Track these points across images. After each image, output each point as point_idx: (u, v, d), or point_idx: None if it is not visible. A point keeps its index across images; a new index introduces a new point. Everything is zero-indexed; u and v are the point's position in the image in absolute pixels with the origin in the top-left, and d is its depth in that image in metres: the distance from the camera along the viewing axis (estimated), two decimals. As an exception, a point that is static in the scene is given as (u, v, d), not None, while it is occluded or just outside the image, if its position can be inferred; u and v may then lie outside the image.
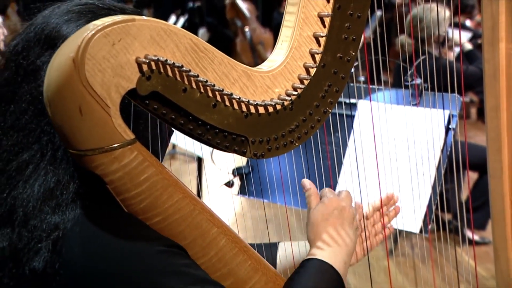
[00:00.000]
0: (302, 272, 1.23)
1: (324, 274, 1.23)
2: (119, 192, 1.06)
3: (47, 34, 1.15)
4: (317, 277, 1.22)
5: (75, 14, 1.17)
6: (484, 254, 4.16)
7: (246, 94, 1.15)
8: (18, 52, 1.17)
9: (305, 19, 1.23)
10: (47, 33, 1.15)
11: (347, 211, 1.33)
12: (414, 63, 2.34)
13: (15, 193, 1.11)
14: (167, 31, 1.03)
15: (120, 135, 1.02)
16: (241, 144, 1.17)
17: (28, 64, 1.15)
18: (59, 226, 1.08)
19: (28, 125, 1.13)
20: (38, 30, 1.17)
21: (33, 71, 1.14)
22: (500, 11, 1.48)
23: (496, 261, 1.65)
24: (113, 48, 0.98)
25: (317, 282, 1.21)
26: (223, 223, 1.18)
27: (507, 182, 1.60)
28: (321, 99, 1.25)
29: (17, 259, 1.09)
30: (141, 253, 1.07)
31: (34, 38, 1.16)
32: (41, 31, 1.16)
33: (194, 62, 1.07)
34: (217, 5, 11.03)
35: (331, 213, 1.31)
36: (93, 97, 0.98)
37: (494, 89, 1.54)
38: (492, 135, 1.59)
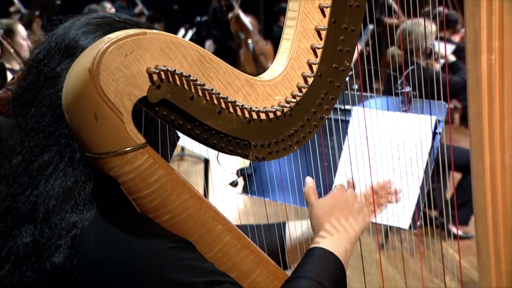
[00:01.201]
0: (307, 260, 1.23)
1: (327, 261, 1.22)
2: (131, 192, 1.05)
3: (66, 44, 1.15)
4: (320, 263, 1.21)
5: (93, 26, 1.17)
6: (467, 247, 4.16)
7: (249, 102, 1.14)
8: (39, 60, 1.17)
9: (303, 32, 1.23)
10: (67, 43, 1.15)
11: (351, 205, 1.33)
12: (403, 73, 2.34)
13: (37, 192, 1.11)
14: (175, 43, 1.03)
15: (132, 140, 1.02)
16: (244, 148, 1.16)
17: (48, 71, 1.15)
18: (77, 224, 1.07)
19: (48, 128, 1.12)
20: (58, 40, 1.17)
21: (53, 77, 1.14)
22: (481, 26, 1.49)
23: (479, 254, 1.65)
24: (125, 59, 0.98)
25: (320, 268, 1.20)
26: (227, 220, 1.18)
27: (488, 182, 1.60)
28: (318, 106, 1.24)
29: (39, 254, 1.09)
30: (152, 249, 1.06)
31: (54, 47, 1.16)
32: (61, 41, 1.16)
33: (201, 72, 1.07)
34: (222, 19, 11.03)
35: (335, 205, 1.31)
36: (108, 104, 0.98)
37: (476, 96, 1.55)
38: (475, 139, 1.59)
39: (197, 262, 1.08)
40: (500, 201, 1.60)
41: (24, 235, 1.10)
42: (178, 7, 13.09)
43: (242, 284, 1.16)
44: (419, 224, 2.25)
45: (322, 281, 1.17)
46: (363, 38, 5.17)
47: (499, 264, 1.62)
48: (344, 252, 1.26)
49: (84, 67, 0.97)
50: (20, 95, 1.18)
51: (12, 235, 1.12)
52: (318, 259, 1.22)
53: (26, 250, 1.10)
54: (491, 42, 1.50)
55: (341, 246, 1.26)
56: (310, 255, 1.24)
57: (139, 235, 1.07)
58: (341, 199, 1.33)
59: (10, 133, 1.18)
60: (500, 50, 1.51)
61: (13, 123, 1.19)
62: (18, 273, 1.11)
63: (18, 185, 1.13)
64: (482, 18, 1.48)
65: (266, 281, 1.20)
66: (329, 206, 1.32)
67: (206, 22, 11.21)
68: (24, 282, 1.10)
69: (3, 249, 1.13)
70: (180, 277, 1.05)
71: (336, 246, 1.26)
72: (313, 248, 1.25)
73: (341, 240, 1.28)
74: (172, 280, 1.05)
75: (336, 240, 1.27)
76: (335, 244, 1.26)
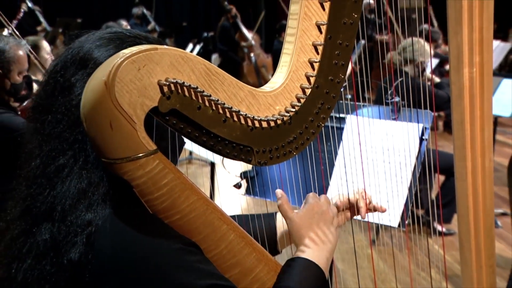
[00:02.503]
0: (289, 270, 1.20)
1: (308, 270, 1.19)
2: (143, 195, 1.04)
3: (81, 57, 1.15)
4: (302, 273, 1.18)
5: (105, 40, 1.17)
6: (450, 243, 4.16)
7: (252, 111, 1.13)
8: (57, 71, 1.16)
9: (301, 47, 1.22)
10: (81, 56, 1.15)
11: (326, 213, 1.29)
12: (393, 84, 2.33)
13: (54, 193, 1.10)
14: (184, 57, 1.03)
15: (144, 146, 1.02)
16: (247, 153, 1.15)
17: (64, 81, 1.14)
18: (91, 222, 1.07)
19: (63, 133, 1.12)
20: (74, 52, 1.16)
21: (68, 87, 1.13)
22: (463, 42, 1.49)
23: (461, 249, 1.64)
24: (138, 72, 0.98)
25: (302, 278, 1.17)
26: (232, 220, 1.17)
27: (470, 184, 1.59)
28: (315, 115, 1.23)
29: (57, 250, 1.08)
30: (161, 248, 1.05)
31: (70, 59, 1.16)
32: (76, 53, 1.16)
33: (207, 84, 1.06)
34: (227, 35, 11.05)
35: (312, 216, 1.27)
36: (122, 114, 0.97)
37: (459, 106, 1.54)
38: (458, 145, 1.58)
39: (200, 265, 1.07)
40: (480, 201, 1.60)
41: (43, 232, 1.10)
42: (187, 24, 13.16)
43: (246, 279, 1.16)
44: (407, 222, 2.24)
45: None
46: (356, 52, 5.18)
47: (479, 258, 1.62)
48: (325, 261, 1.23)
49: (101, 80, 0.96)
50: (39, 103, 1.18)
51: (33, 232, 1.12)
52: (301, 269, 1.19)
53: (45, 246, 1.09)
54: (472, 56, 1.50)
55: (322, 255, 1.23)
56: (292, 265, 1.20)
57: (149, 234, 1.06)
58: (317, 209, 1.28)
59: (30, 138, 1.18)
60: (480, 64, 1.51)
61: (32, 129, 1.18)
62: (38, 267, 1.10)
63: (37, 186, 1.13)
64: (464, 35, 1.48)
65: (267, 276, 1.19)
66: (307, 218, 1.27)
67: (212, 37, 11.24)
68: (44, 275, 1.09)
69: (25, 245, 1.12)
70: (182, 277, 1.04)
71: (317, 256, 1.22)
72: (296, 258, 1.22)
73: (322, 250, 1.24)
74: (174, 280, 1.04)
75: (317, 251, 1.23)
76: (316, 255, 1.22)
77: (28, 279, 1.11)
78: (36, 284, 1.10)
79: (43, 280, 1.09)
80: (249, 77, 10.29)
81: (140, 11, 12.07)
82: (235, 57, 10.76)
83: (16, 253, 1.13)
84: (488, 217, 1.62)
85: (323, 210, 1.29)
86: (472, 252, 1.62)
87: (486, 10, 1.47)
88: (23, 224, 1.14)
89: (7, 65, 2.89)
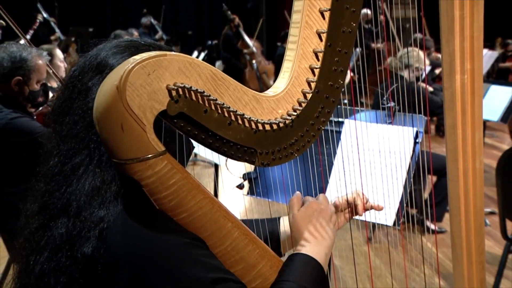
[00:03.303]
0: (290, 265, 1.19)
1: (308, 265, 1.19)
2: (152, 194, 1.04)
3: (98, 63, 1.16)
4: (302, 268, 1.18)
5: (121, 48, 1.18)
6: (441, 240, 4.15)
7: (255, 114, 1.13)
8: (75, 76, 1.17)
9: (302, 54, 1.22)
10: (98, 62, 1.16)
11: (324, 211, 1.28)
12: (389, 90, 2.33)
13: (70, 189, 1.10)
14: (191, 63, 1.03)
15: (153, 148, 1.01)
16: (251, 155, 1.15)
17: (81, 85, 1.15)
18: (104, 219, 1.07)
19: (79, 134, 1.12)
20: (91, 59, 1.17)
21: (85, 90, 1.14)
22: (455, 50, 1.49)
23: (453, 247, 1.64)
24: (148, 77, 0.98)
25: (302, 272, 1.17)
26: (236, 218, 1.16)
27: (462, 185, 1.58)
28: (315, 119, 1.23)
29: (72, 243, 1.08)
30: (169, 242, 1.05)
31: (88, 65, 1.17)
32: (94, 60, 1.17)
33: (213, 88, 1.06)
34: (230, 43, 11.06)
35: (311, 214, 1.26)
36: (132, 117, 0.97)
37: (452, 111, 1.54)
38: (450, 147, 1.57)
39: (206, 259, 1.07)
40: (471, 201, 1.59)
41: (59, 227, 1.10)
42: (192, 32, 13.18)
43: (249, 274, 1.15)
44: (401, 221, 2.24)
45: (305, 284, 1.15)
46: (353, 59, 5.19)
47: (470, 255, 1.61)
48: (324, 256, 1.22)
49: (113, 84, 0.96)
50: (58, 105, 1.19)
51: (50, 227, 1.12)
52: (301, 264, 1.19)
53: (61, 239, 1.10)
54: (464, 64, 1.50)
55: (321, 251, 1.22)
56: (293, 260, 1.20)
57: (158, 230, 1.06)
58: (316, 207, 1.27)
59: (49, 139, 1.19)
60: (471, 71, 1.50)
61: (52, 131, 1.19)
62: (54, 259, 1.10)
63: (55, 183, 1.13)
64: (456, 44, 1.48)
65: (270, 271, 1.18)
66: (306, 215, 1.26)
67: (216, 45, 11.25)
68: (59, 267, 1.09)
69: (42, 238, 1.13)
70: (189, 270, 1.04)
71: (317, 252, 1.21)
72: (296, 253, 1.22)
73: (321, 246, 1.23)
74: (181, 272, 1.04)
75: (316, 246, 1.23)
76: (315, 250, 1.22)
77: (45, 270, 1.11)
78: (52, 275, 1.10)
79: (59, 272, 1.10)
80: (251, 83, 10.28)
81: (148, 21, 12.11)
82: (237, 64, 10.76)
83: (34, 246, 1.14)
84: (478, 216, 1.61)
85: (321, 208, 1.28)
86: (463, 249, 1.61)
87: (477, 20, 1.47)
88: (41, 218, 1.14)
89: (28, 73, 2.92)
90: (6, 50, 2.91)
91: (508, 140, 7.08)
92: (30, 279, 1.13)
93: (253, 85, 10.24)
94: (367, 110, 2.54)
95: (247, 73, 10.57)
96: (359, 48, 2.04)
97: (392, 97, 2.36)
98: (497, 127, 8.05)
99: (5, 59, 2.89)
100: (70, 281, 1.09)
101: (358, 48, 2.41)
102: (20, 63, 2.89)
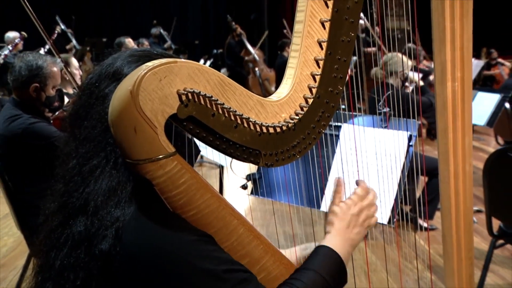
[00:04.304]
0: (314, 255, 1.21)
1: (331, 259, 1.20)
2: (163, 192, 1.04)
3: (114, 71, 1.16)
4: (325, 260, 1.19)
5: (135, 57, 1.18)
6: (432, 237, 4.14)
7: (260, 118, 1.13)
8: (92, 83, 1.17)
9: (304, 61, 1.22)
10: (114, 70, 1.16)
11: (360, 217, 1.29)
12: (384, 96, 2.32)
13: (88, 190, 1.10)
14: (200, 70, 1.02)
15: (164, 149, 1.01)
16: (255, 156, 1.14)
17: (98, 91, 1.15)
18: (119, 218, 1.07)
19: (97, 137, 1.12)
20: (108, 67, 1.17)
21: (102, 97, 1.14)
22: (446, 59, 1.49)
23: (444, 244, 1.63)
24: (160, 83, 0.98)
25: (324, 264, 1.18)
26: (241, 215, 1.16)
27: (452, 186, 1.58)
28: (316, 122, 1.22)
29: (90, 240, 1.08)
30: (180, 239, 1.05)
31: (104, 73, 1.17)
32: (110, 68, 1.17)
33: (221, 93, 1.05)
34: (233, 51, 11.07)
35: (347, 214, 1.28)
36: (145, 120, 0.97)
37: (443, 116, 1.54)
38: (442, 150, 1.57)
39: (216, 253, 1.07)
40: (461, 201, 1.59)
41: (78, 225, 1.10)
42: (199, 42, 13.20)
43: (254, 268, 1.15)
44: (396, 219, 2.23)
45: (324, 275, 1.16)
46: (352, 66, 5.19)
47: (460, 251, 1.60)
48: (347, 254, 1.23)
49: (127, 89, 0.96)
50: (76, 110, 1.19)
51: (69, 225, 1.12)
52: (324, 256, 1.20)
53: (80, 237, 1.09)
54: (454, 72, 1.50)
55: (345, 249, 1.23)
56: (318, 252, 1.21)
57: (169, 227, 1.05)
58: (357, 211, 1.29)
59: (67, 142, 1.19)
60: (462, 79, 1.50)
61: (69, 134, 1.19)
62: (74, 255, 1.10)
63: (73, 184, 1.13)
64: (447, 53, 1.48)
65: (273, 265, 1.18)
66: (345, 213, 1.28)
67: (221, 54, 11.26)
68: (78, 263, 1.09)
69: (62, 235, 1.12)
70: (202, 264, 1.04)
71: (341, 248, 1.23)
72: (322, 246, 1.23)
73: (346, 244, 1.25)
74: (195, 266, 1.04)
75: (342, 243, 1.24)
76: (341, 246, 1.23)
77: (65, 266, 1.11)
78: (72, 270, 1.10)
79: (78, 267, 1.09)
80: (253, 89, 10.27)
81: (158, 31, 12.14)
82: (241, 71, 10.77)
83: (54, 242, 1.14)
84: (468, 215, 1.61)
85: (359, 213, 1.29)
86: (453, 246, 1.60)
87: (466, 31, 1.47)
88: (60, 217, 1.14)
89: (44, 80, 2.96)
90: (23, 60, 2.97)
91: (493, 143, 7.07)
92: (51, 273, 1.13)
93: (256, 90, 10.23)
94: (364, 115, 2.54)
95: (250, 80, 10.57)
96: (355, 57, 2.04)
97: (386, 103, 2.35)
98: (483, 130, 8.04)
99: (23, 68, 2.94)
100: (88, 276, 1.09)
101: (355, 57, 2.41)
102: (37, 71, 2.94)
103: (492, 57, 10.22)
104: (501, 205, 2.89)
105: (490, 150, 6.72)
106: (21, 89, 2.97)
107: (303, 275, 1.16)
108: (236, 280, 1.07)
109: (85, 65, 8.35)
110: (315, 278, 1.15)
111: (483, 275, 3.01)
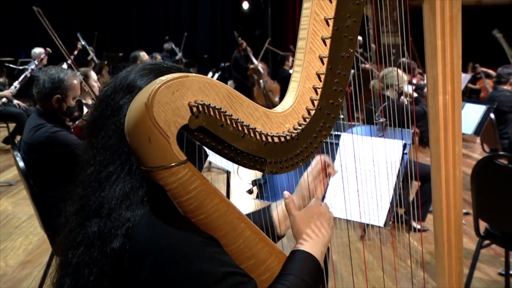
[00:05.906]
0: (290, 261, 1.19)
1: (307, 261, 1.19)
2: (175, 197, 1.03)
3: (128, 83, 1.16)
4: (302, 263, 1.18)
5: (147, 70, 1.18)
6: (424, 238, 4.12)
7: (266, 128, 1.12)
8: (108, 95, 1.17)
9: (307, 75, 1.21)
10: (128, 83, 1.16)
11: (324, 214, 1.28)
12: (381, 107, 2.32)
13: (104, 194, 1.10)
14: (210, 83, 1.02)
15: (176, 157, 1.01)
16: (261, 164, 1.13)
17: (114, 103, 1.15)
18: (130, 219, 1.07)
19: (113, 146, 1.12)
20: (122, 80, 1.17)
21: (117, 108, 1.14)
22: (438, 73, 1.49)
23: (436, 244, 1.62)
24: (173, 95, 0.97)
25: (300, 266, 1.17)
26: (248, 219, 1.15)
27: (444, 191, 1.58)
28: (318, 132, 1.21)
29: (103, 240, 1.08)
30: (186, 241, 1.05)
31: (119, 85, 1.17)
32: (124, 81, 1.17)
33: (229, 105, 1.05)
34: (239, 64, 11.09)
35: (311, 216, 1.26)
36: (158, 130, 0.97)
37: (435, 126, 1.54)
38: (434, 158, 1.57)
39: (219, 256, 1.06)
40: (452, 205, 1.58)
41: (93, 226, 1.10)
42: (207, 56, 13.24)
43: (259, 268, 1.14)
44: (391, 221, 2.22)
45: (304, 277, 1.15)
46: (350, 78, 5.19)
47: (450, 251, 1.59)
48: (320, 253, 1.22)
49: (142, 102, 0.96)
50: (93, 121, 1.19)
51: (85, 226, 1.12)
52: (301, 260, 1.18)
53: (94, 236, 1.10)
54: (445, 85, 1.49)
55: (318, 248, 1.22)
56: (294, 257, 1.20)
57: (177, 229, 1.05)
58: (316, 210, 1.28)
59: (85, 150, 1.19)
60: (452, 92, 1.50)
61: (87, 143, 1.19)
62: (88, 253, 1.10)
63: (91, 189, 1.13)
64: (439, 68, 1.48)
65: (278, 266, 1.17)
66: (307, 216, 1.26)
67: (228, 67, 11.28)
68: (92, 260, 1.09)
69: (79, 235, 1.13)
70: (204, 265, 1.04)
71: (314, 249, 1.21)
72: (296, 250, 1.21)
73: (318, 244, 1.23)
74: (197, 267, 1.03)
75: (314, 244, 1.22)
76: (313, 247, 1.21)
77: (81, 263, 1.11)
78: (86, 267, 1.10)
79: (91, 264, 1.09)
80: (258, 99, 10.26)
81: (170, 46, 12.20)
82: (247, 83, 10.77)
83: (72, 241, 1.14)
84: (458, 217, 1.61)
85: (321, 211, 1.28)
86: (444, 247, 1.60)
87: (456, 48, 1.47)
88: (78, 218, 1.15)
89: (65, 91, 3.02)
90: (47, 73, 3.04)
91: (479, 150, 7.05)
92: (69, 270, 1.14)
93: (261, 101, 10.22)
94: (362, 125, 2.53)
95: (255, 91, 10.57)
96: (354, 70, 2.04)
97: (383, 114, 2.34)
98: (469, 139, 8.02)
99: (46, 81, 3.01)
100: (101, 273, 1.09)
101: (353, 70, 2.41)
102: (59, 83, 3.00)
103: (477, 71, 10.19)
104: (488, 208, 2.88)
105: (476, 157, 6.70)
106: (45, 100, 3.02)
107: (286, 280, 1.14)
108: (234, 282, 1.06)
109: (103, 77, 8.37)
110: (296, 282, 1.14)
111: (471, 273, 3.01)
